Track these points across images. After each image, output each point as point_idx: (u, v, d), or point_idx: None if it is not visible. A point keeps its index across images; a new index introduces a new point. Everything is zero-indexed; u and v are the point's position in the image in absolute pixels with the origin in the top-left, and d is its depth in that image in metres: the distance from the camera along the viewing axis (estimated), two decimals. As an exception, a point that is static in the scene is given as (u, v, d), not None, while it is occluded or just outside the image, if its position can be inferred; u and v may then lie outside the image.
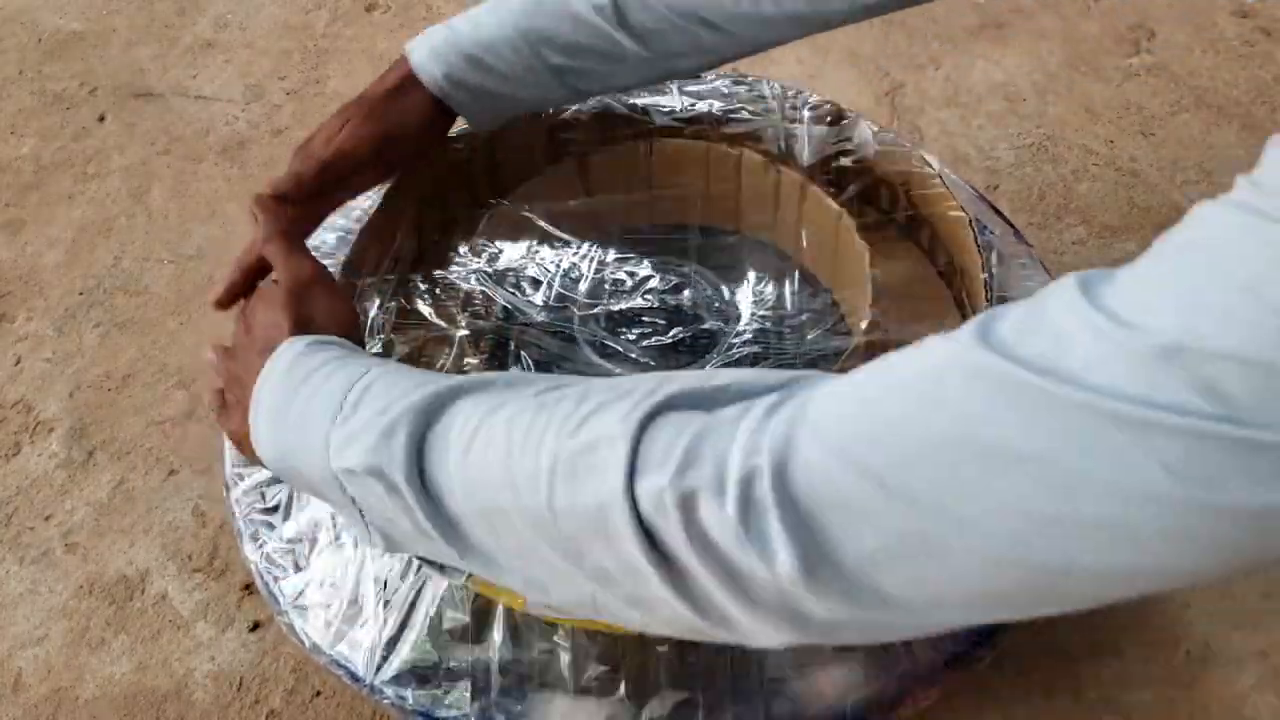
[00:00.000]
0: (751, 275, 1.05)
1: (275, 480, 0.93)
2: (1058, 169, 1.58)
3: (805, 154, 1.05)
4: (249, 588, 1.19)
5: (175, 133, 1.77)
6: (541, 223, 1.04)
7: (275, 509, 0.91)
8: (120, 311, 1.50)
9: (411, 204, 1.05)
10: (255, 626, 1.16)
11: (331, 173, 0.89)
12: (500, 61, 0.88)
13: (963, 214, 0.96)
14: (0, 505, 1.29)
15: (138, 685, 1.13)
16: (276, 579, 0.88)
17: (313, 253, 0.83)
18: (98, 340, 1.47)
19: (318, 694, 1.11)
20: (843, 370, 0.50)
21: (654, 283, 1.03)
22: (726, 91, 1.09)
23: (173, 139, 1.76)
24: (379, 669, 0.80)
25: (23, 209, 1.66)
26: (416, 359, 0.95)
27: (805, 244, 1.05)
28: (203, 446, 1.33)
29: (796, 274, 1.05)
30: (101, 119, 1.80)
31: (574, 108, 1.07)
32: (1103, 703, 1.06)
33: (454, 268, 1.01)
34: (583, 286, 1.02)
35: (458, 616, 0.78)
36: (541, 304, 1.00)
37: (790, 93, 1.09)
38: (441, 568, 0.76)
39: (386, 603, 0.81)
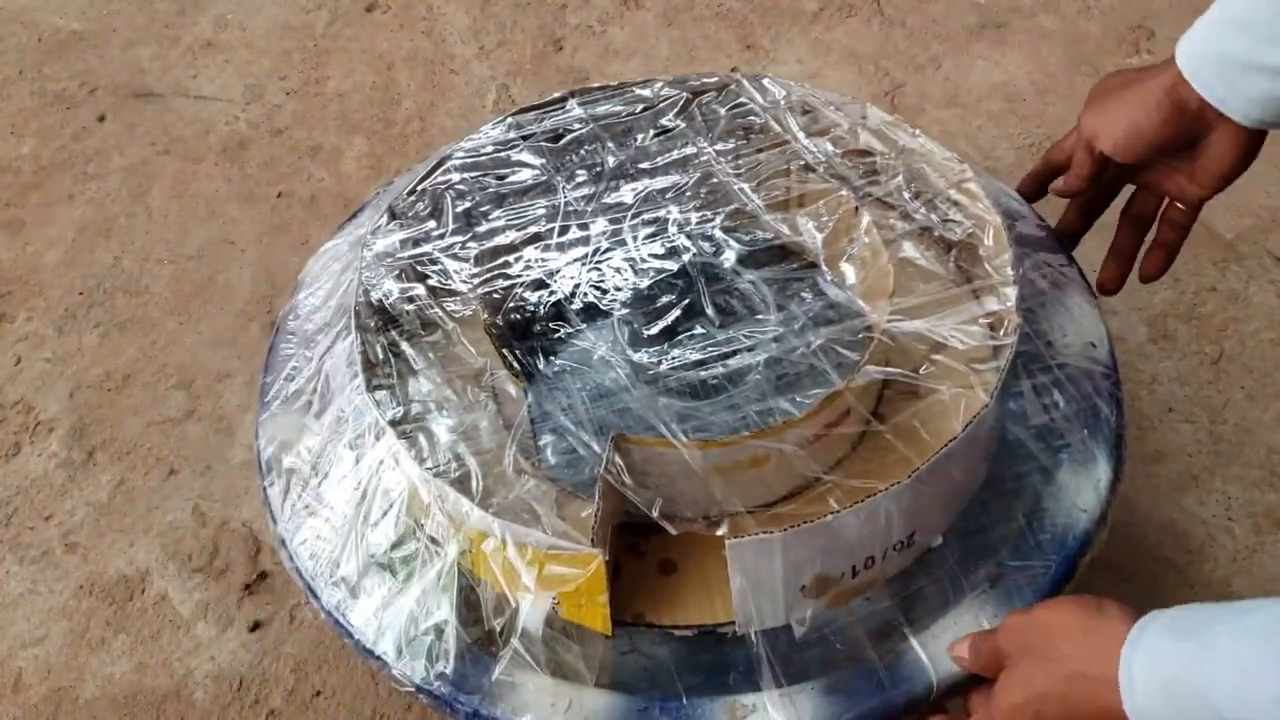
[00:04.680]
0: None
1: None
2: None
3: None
4: (249, 587, 1.19)
5: (175, 133, 1.77)
6: None
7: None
8: (120, 311, 1.50)
9: None
10: (255, 626, 1.16)
11: None
12: None
13: (993, 215, 0.96)
14: (0, 505, 1.29)
15: (137, 685, 1.13)
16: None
17: None
18: (98, 340, 1.47)
19: (318, 694, 1.11)
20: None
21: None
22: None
23: (173, 139, 1.76)
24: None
25: (23, 209, 1.66)
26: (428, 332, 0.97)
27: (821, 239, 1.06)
28: (202, 447, 1.33)
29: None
30: (101, 119, 1.81)
31: None
32: (1103, 703, 1.06)
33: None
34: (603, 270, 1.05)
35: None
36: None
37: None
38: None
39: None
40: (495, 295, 1.01)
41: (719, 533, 0.77)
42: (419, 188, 1.05)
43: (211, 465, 1.31)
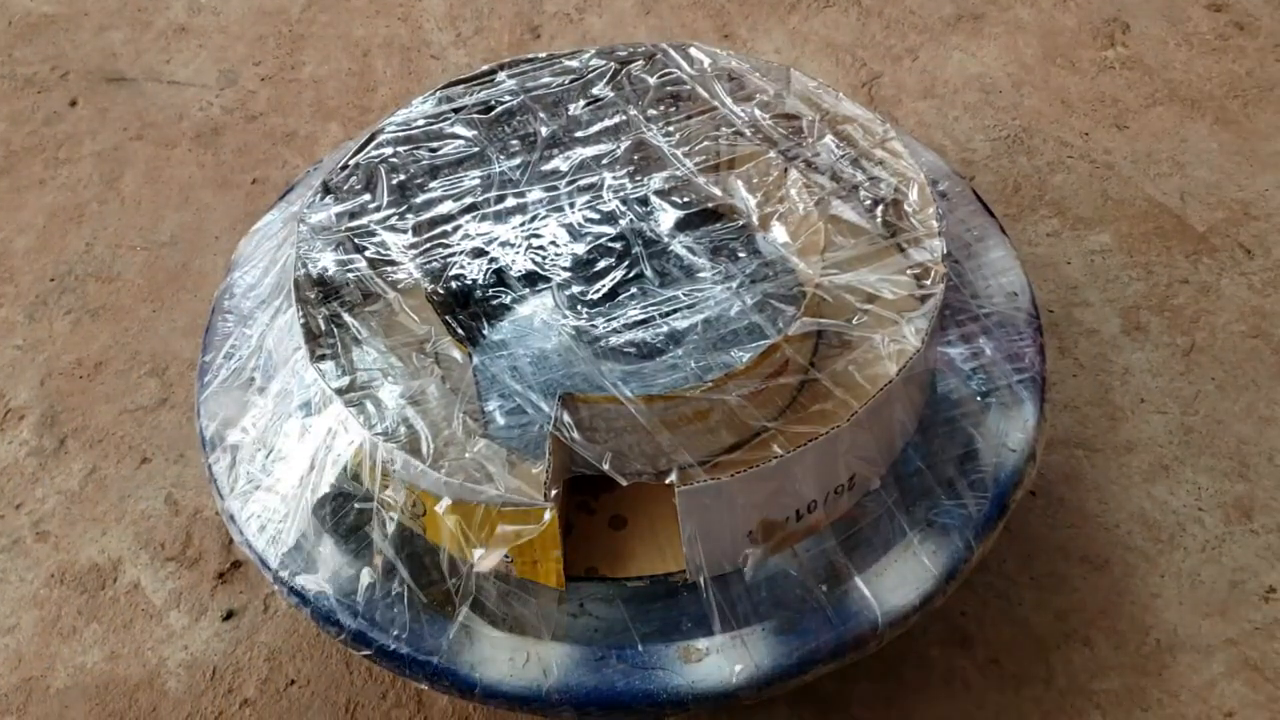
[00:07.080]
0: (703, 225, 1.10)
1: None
2: (1033, 161, 1.59)
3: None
4: (222, 576, 1.19)
5: (148, 118, 1.75)
6: None
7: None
8: (92, 298, 1.49)
9: None
10: (229, 615, 1.16)
11: None
12: None
13: (912, 167, 1.00)
14: (-30, 493, 1.28)
15: (109, 675, 1.13)
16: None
17: None
18: (69, 327, 1.45)
19: (292, 683, 1.11)
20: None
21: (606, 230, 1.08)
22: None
23: (145, 124, 1.74)
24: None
25: (-8, 194, 1.65)
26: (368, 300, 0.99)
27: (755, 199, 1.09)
28: (175, 435, 1.32)
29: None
30: (73, 103, 1.79)
31: None
32: (1073, 691, 1.07)
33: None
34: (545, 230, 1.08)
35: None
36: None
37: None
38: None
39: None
40: (435, 264, 1.02)
41: (668, 481, 0.80)
42: (352, 162, 1.06)
43: (185, 454, 1.30)
